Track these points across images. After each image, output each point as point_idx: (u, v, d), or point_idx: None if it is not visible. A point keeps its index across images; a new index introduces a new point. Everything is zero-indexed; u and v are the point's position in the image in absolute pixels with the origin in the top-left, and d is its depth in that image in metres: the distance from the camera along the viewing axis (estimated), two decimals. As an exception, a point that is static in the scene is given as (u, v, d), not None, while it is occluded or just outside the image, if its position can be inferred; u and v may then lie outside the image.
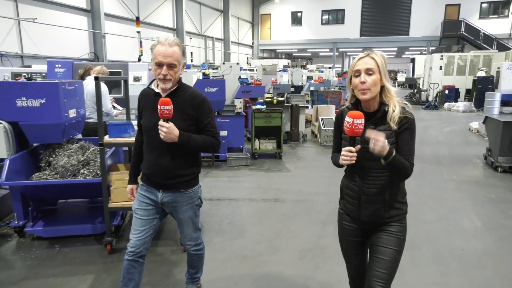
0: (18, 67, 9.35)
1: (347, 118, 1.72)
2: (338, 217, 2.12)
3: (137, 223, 2.37)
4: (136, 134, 2.57)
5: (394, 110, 1.83)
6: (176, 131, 2.16)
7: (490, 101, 15.78)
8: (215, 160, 7.00)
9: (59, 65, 6.54)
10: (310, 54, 38.07)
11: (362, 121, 1.69)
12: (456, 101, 18.53)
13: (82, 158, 3.77)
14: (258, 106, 7.39)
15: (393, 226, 1.92)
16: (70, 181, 3.52)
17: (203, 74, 7.30)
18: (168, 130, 2.13)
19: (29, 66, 7.84)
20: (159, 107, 2.10)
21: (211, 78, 7.53)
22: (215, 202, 4.96)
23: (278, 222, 4.35)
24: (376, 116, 1.87)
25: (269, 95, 9.22)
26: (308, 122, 11.02)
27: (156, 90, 2.30)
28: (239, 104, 8.80)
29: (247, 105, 9.46)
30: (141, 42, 13.42)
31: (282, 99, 8.87)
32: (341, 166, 1.90)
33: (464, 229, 4.17)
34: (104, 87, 5.01)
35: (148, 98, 2.35)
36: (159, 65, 2.18)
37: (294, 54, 38.33)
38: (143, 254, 2.39)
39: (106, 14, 15.28)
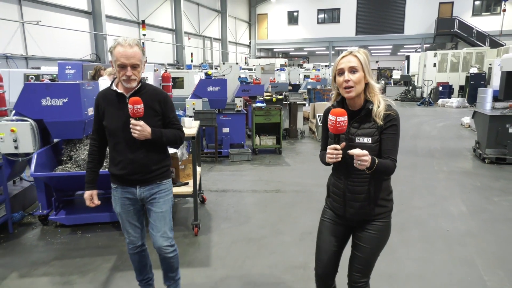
0: (26, 69, 9.67)
1: (330, 116, 1.75)
2: (322, 214, 2.16)
3: (126, 225, 2.51)
4: (91, 139, 2.52)
5: (379, 106, 1.87)
6: (148, 129, 2.24)
7: (483, 97, 16.11)
8: (218, 156, 7.36)
9: (69, 67, 6.87)
10: (306, 53, 38.43)
11: (345, 118, 1.73)
12: (449, 97, 18.95)
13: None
14: (258, 104, 7.74)
15: (375, 225, 1.96)
16: (102, 172, 3.87)
17: (206, 74, 7.65)
18: (141, 128, 2.20)
19: (38, 68, 8.18)
20: (130, 106, 2.14)
21: (213, 78, 7.88)
22: (221, 193, 5.33)
23: (280, 210, 4.72)
24: (361, 114, 1.90)
25: (268, 94, 9.58)
26: (305, 119, 11.39)
27: (119, 90, 2.31)
28: (239, 102, 9.17)
29: (247, 103, 9.82)
30: (143, 43, 13.71)
31: (281, 97, 9.23)
32: (328, 164, 1.93)
33: (450, 213, 4.56)
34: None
35: (111, 99, 2.34)
36: (123, 66, 2.19)
37: (290, 53, 38.68)
38: (143, 243, 2.60)
39: (107, 16, 15.58)
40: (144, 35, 14.12)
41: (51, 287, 3.02)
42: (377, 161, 1.78)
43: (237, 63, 10.77)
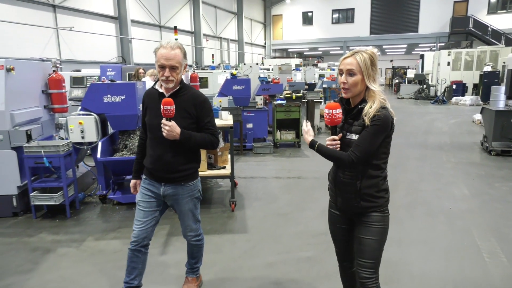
0: (71, 72, 10.54)
1: (326, 110, 1.86)
2: (328, 205, 2.28)
3: (139, 215, 2.59)
4: (140, 132, 2.72)
5: (372, 106, 1.89)
6: (177, 129, 2.33)
7: (496, 95, 16.47)
8: (243, 149, 8.06)
9: (110, 69, 7.68)
10: (321, 52, 38.91)
11: (339, 110, 1.90)
12: (463, 95, 19.25)
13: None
14: (280, 102, 8.41)
15: (371, 217, 2.01)
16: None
17: (231, 74, 8.36)
18: (170, 128, 2.30)
19: (79, 70, 9.03)
20: (162, 107, 2.26)
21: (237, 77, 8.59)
22: (249, 179, 6.02)
23: (303, 192, 5.39)
24: (353, 112, 1.98)
25: (288, 92, 10.23)
26: (321, 116, 12.01)
27: (160, 90, 2.46)
28: (259, 100, 9.85)
29: (266, 101, 10.49)
30: None
31: (300, 94, 9.88)
32: None
33: (453, 196, 5.15)
34: (156, 87, 6.14)
35: (153, 98, 2.50)
36: (162, 67, 2.32)
37: (305, 53, 39.21)
38: (145, 244, 2.60)
39: (132, 21, 16.50)
40: (176, 39, 15.04)
41: (122, 246, 3.76)
42: (317, 145, 1.98)
43: (257, 64, 11.47)
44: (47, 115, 5.20)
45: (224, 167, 4.83)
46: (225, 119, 4.83)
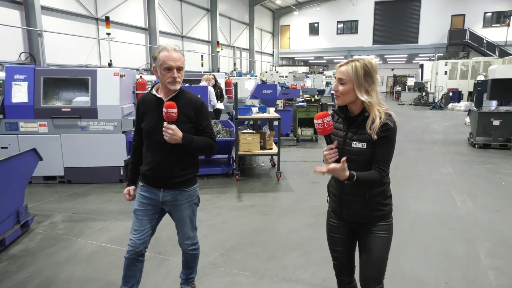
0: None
1: (316, 121, 1.78)
2: (327, 215, 2.20)
3: (136, 224, 2.51)
4: (133, 140, 2.62)
5: (374, 121, 1.85)
6: (180, 133, 2.29)
7: (488, 101, 18.22)
8: (271, 142, 9.77)
9: (164, 75, 9.42)
10: (325, 61, 40.81)
11: (329, 118, 1.78)
12: (459, 102, 20.99)
13: (216, 129, 6.58)
14: (301, 104, 10.14)
15: (377, 225, 1.99)
16: (218, 140, 6.30)
17: (261, 80, 10.10)
18: (173, 132, 2.26)
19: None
20: (165, 110, 2.22)
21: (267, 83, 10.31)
22: (283, 162, 7.65)
23: (326, 170, 7.08)
24: (358, 120, 1.92)
25: (308, 96, 11.99)
26: (332, 118, 13.72)
27: (158, 95, 2.42)
28: (280, 103, 11.57)
29: (285, 104, 12.21)
30: (202, 56, 16.39)
31: (318, 98, 11.64)
32: None
33: (441, 172, 6.85)
34: (211, 89, 7.87)
35: (150, 103, 2.45)
36: (169, 69, 2.29)
37: (310, 61, 41.10)
38: (143, 252, 2.54)
39: (160, 32, 18.34)
40: (218, 51, 17.18)
41: (211, 195, 5.47)
42: (355, 176, 1.81)
43: (276, 72, 13.20)
44: (135, 110, 6.92)
45: (271, 149, 6.52)
46: (272, 114, 6.54)
